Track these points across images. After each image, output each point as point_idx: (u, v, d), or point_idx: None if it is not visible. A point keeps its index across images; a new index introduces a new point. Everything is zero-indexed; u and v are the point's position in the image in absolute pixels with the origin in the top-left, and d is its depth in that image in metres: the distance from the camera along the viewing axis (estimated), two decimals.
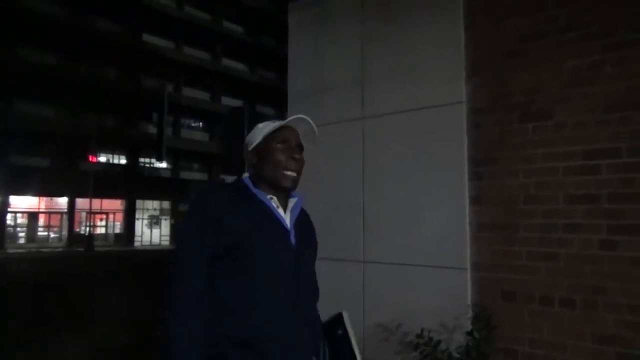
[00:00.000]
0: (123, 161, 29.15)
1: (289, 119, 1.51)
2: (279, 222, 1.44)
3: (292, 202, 1.53)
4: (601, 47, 2.57)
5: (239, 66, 33.80)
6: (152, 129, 28.98)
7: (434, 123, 3.21)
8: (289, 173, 1.47)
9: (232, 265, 1.36)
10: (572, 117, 2.67)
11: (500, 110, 2.96)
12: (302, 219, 1.54)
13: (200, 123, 33.21)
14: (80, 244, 23.39)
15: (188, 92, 31.10)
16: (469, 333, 2.79)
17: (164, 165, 30.16)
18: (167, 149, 28.42)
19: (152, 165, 30.07)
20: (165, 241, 30.40)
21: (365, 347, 3.34)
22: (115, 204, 28.89)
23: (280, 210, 1.48)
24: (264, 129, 1.53)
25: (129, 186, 27.36)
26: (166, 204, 31.42)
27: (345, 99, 3.72)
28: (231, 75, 32.67)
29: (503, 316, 2.81)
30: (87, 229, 25.10)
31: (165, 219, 31.43)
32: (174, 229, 30.49)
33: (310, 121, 1.52)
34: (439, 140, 3.19)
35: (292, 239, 1.45)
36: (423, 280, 3.13)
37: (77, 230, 26.72)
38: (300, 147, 1.53)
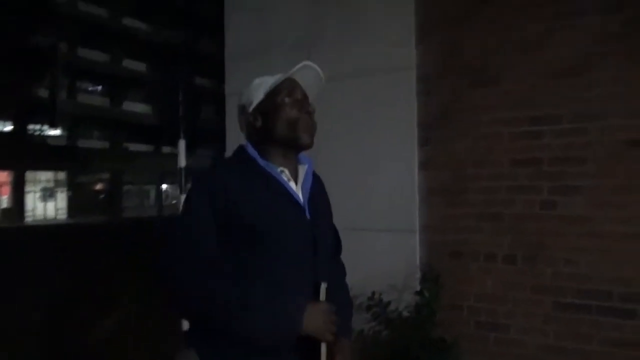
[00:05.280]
0: (9, 128, 26.08)
1: (294, 69, 1.35)
2: (293, 199, 1.32)
3: (302, 170, 1.40)
4: (552, 14, 2.67)
5: (142, 25, 31.27)
6: (44, 93, 26.19)
7: (383, 89, 3.20)
8: (305, 133, 1.36)
9: (247, 249, 1.23)
10: (519, 83, 2.79)
11: (450, 75, 3.01)
12: (314, 187, 1.43)
13: (100, 87, 30.55)
14: None
15: (85, 53, 28.37)
16: (418, 292, 2.89)
17: (57, 132, 27.51)
18: (61, 114, 26.07)
19: (43, 132, 27.24)
20: (62, 215, 28.10)
21: None
22: (0, 176, 25.96)
23: (292, 184, 1.35)
24: (262, 84, 1.37)
25: (17, 156, 24.63)
26: (62, 175, 28.85)
27: (291, 62, 3.55)
28: (133, 35, 30.21)
29: (450, 275, 2.94)
30: None
31: (62, 191, 28.91)
32: (71, 201, 28.24)
33: (317, 68, 1.37)
34: (389, 105, 3.18)
35: (307, 215, 1.34)
36: (375, 244, 3.17)
37: None
38: (307, 98, 1.40)
